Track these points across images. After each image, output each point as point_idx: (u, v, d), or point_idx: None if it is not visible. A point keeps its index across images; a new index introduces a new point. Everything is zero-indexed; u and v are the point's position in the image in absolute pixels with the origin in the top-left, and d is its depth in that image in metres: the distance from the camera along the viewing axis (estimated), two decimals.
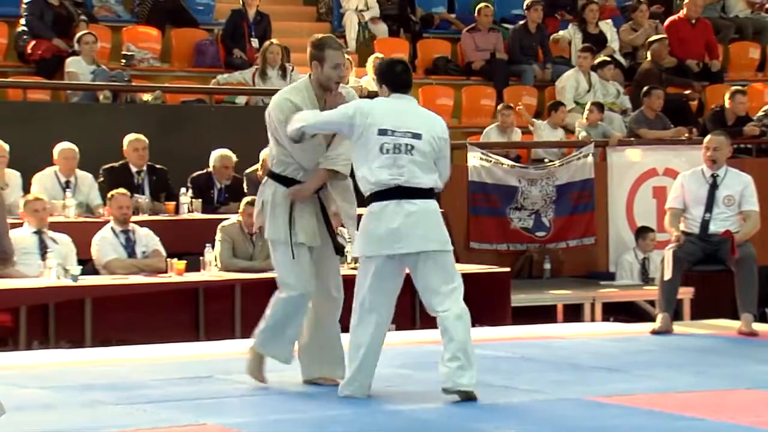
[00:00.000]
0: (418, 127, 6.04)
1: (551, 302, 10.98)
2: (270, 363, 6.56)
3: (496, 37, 14.53)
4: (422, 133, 6.04)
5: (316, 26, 15.30)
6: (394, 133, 6.02)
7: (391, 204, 6.03)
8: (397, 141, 6.00)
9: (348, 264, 9.88)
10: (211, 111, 12.04)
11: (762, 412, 5.80)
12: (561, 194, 12.27)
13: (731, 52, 15.73)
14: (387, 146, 6.01)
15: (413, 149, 6.00)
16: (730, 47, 15.74)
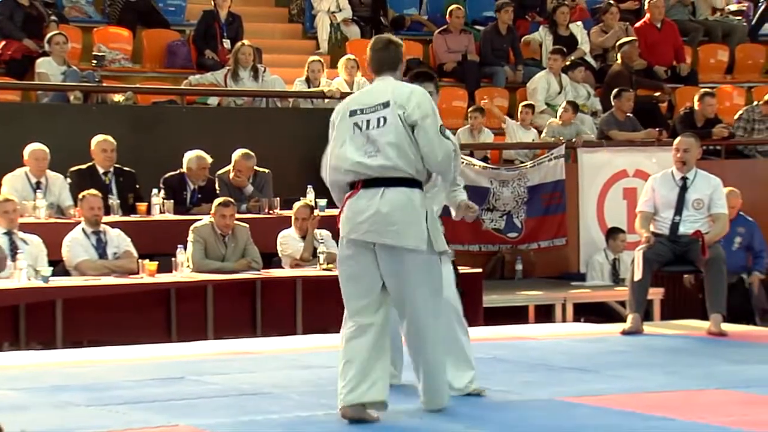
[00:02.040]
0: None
1: (523, 303, 11.01)
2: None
3: (468, 39, 14.56)
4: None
5: (288, 27, 15.30)
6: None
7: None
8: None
9: (320, 265, 9.90)
10: (183, 112, 12.01)
11: (732, 411, 5.82)
12: (532, 195, 12.31)
13: (700, 54, 15.83)
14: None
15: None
16: (699, 50, 15.83)
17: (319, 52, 14.31)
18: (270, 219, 10.59)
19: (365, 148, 5.59)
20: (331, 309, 9.64)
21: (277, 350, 8.18)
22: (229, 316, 9.35)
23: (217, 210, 9.73)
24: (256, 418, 5.79)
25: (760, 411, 5.92)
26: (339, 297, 6.05)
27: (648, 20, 15.06)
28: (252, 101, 12.61)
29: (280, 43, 14.73)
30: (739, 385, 6.47)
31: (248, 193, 10.92)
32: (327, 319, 9.52)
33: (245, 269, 9.70)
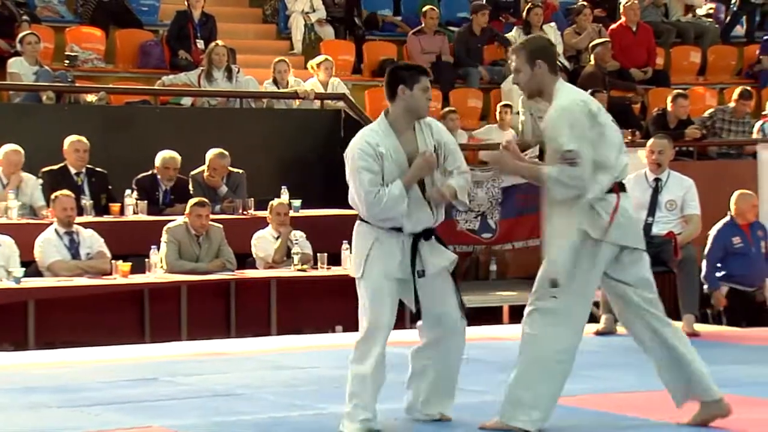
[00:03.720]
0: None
1: (497, 303, 11.03)
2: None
3: (442, 40, 14.58)
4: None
5: (262, 28, 15.28)
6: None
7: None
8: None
9: (295, 265, 9.89)
10: (156, 112, 11.97)
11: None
12: (507, 196, 12.33)
13: (673, 56, 15.90)
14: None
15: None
16: (672, 51, 15.91)
17: (293, 52, 14.30)
18: (244, 220, 10.58)
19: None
20: (306, 310, 9.71)
21: (250, 351, 8.17)
22: (203, 316, 9.33)
23: (192, 210, 9.71)
24: (229, 419, 5.79)
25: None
26: (313, 297, 6.04)
27: (624, 23, 15.13)
28: (226, 102, 12.58)
29: (254, 43, 14.71)
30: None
31: (222, 193, 10.90)
32: (301, 320, 9.54)
33: (219, 270, 9.68)
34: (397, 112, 5.59)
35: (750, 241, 10.37)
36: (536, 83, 5.46)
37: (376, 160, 5.53)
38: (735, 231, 10.37)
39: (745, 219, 10.39)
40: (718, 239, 10.34)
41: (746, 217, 10.40)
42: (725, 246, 10.30)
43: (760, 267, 10.43)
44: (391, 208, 5.53)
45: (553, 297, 5.45)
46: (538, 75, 5.42)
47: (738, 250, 10.32)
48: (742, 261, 10.31)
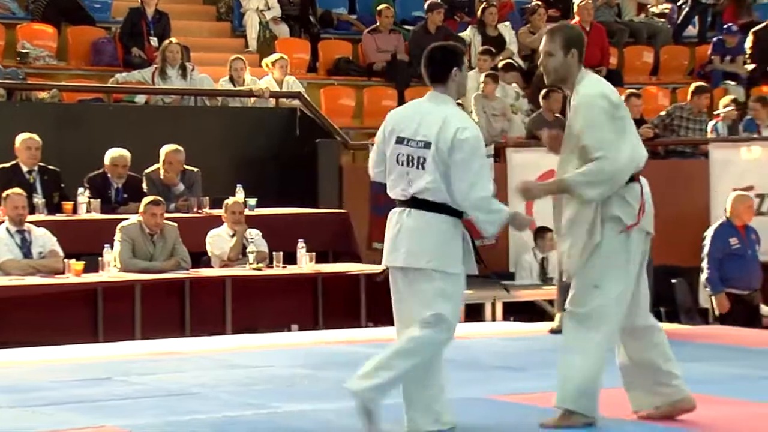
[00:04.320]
0: (429, 135, 5.29)
1: None
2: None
3: (397, 39, 14.59)
4: (432, 142, 5.28)
5: (216, 25, 15.23)
6: (409, 142, 5.33)
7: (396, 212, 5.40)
8: (411, 152, 5.30)
9: (250, 264, 9.87)
10: (110, 110, 11.90)
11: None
12: None
13: (626, 55, 16.01)
14: (401, 158, 5.34)
15: (425, 162, 5.28)
16: (625, 51, 16.02)
17: (247, 50, 14.25)
18: (199, 218, 10.53)
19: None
20: (261, 308, 9.69)
21: (205, 350, 8.16)
22: (158, 316, 9.28)
23: (147, 209, 9.65)
24: (183, 418, 5.77)
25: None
26: (268, 296, 6.03)
27: (577, 23, 15.20)
28: (180, 100, 12.52)
29: (209, 41, 14.65)
30: None
31: (177, 191, 10.84)
32: (256, 319, 9.52)
33: (174, 269, 9.64)
34: (453, 92, 5.45)
35: (746, 242, 10.33)
36: (565, 70, 5.45)
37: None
38: (732, 232, 10.30)
39: (742, 220, 10.34)
40: (715, 240, 10.24)
41: (742, 219, 10.34)
42: (723, 247, 10.21)
43: (755, 270, 10.37)
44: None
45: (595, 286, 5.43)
46: (569, 63, 5.43)
47: (735, 251, 10.25)
48: (739, 263, 10.24)
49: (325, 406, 5.99)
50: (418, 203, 5.29)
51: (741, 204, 10.36)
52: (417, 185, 5.28)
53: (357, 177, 12.17)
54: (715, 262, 10.19)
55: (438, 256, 5.27)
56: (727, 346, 8.17)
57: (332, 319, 9.70)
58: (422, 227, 5.27)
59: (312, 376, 7.03)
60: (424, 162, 5.26)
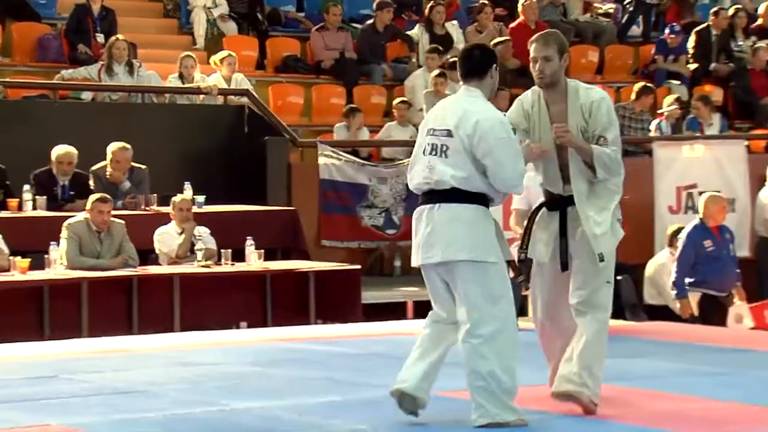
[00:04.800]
0: (450, 124, 5.42)
1: (402, 299, 11.12)
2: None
3: (345, 37, 14.62)
4: (452, 130, 5.39)
5: (163, 22, 15.16)
6: (434, 131, 5.47)
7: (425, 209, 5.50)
8: (435, 141, 5.43)
9: (198, 261, 9.85)
10: (55, 106, 11.82)
11: (603, 404, 5.89)
12: (411, 192, 12.33)
13: (571, 54, 16.08)
14: (427, 147, 5.47)
15: (448, 149, 5.39)
16: (571, 50, 16.07)
17: (195, 47, 14.20)
18: (147, 215, 10.50)
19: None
20: (210, 306, 9.68)
21: (153, 348, 8.16)
22: (105, 314, 9.25)
23: (94, 206, 9.60)
24: (131, 416, 5.76)
25: (632, 403, 6.05)
26: (217, 293, 6.04)
27: (523, 21, 15.33)
28: (127, 96, 12.46)
29: (156, 38, 14.58)
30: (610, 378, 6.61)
31: (124, 189, 10.79)
32: (205, 316, 9.50)
33: (121, 266, 9.61)
34: (487, 89, 5.55)
35: (720, 243, 10.25)
36: (559, 74, 5.74)
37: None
38: (706, 234, 10.21)
39: (715, 221, 10.27)
40: (689, 243, 10.18)
41: (716, 219, 10.28)
42: (696, 250, 10.15)
43: (730, 271, 10.32)
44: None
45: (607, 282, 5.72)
46: (562, 68, 5.75)
47: (710, 253, 10.17)
48: (714, 265, 10.15)
49: (273, 403, 6.00)
50: (444, 195, 5.40)
51: (714, 205, 10.28)
52: (439, 172, 5.38)
53: (306, 174, 12.19)
54: (686, 266, 10.11)
55: (473, 247, 5.36)
56: (671, 343, 8.28)
57: (281, 316, 9.73)
58: (453, 219, 5.37)
59: (261, 373, 7.04)
60: (447, 150, 5.38)
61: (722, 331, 9.44)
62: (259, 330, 9.22)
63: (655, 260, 10.97)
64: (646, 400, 6.10)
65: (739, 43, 15.92)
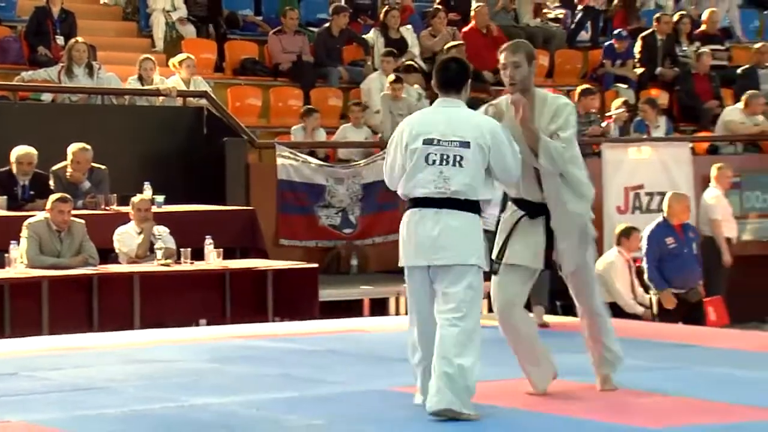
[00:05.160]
0: (466, 136, 5.61)
1: (358, 297, 11.18)
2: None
3: (302, 40, 14.72)
4: (471, 141, 5.61)
5: (122, 25, 15.20)
6: (440, 141, 5.61)
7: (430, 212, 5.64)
8: (444, 151, 5.59)
9: (158, 260, 9.92)
10: (15, 108, 11.83)
11: (552, 399, 6.03)
12: (367, 193, 12.55)
13: None
14: (433, 156, 5.61)
15: (463, 159, 5.59)
16: None
17: (154, 50, 14.26)
18: (107, 215, 10.55)
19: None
20: (169, 304, 9.73)
21: (113, 345, 8.11)
22: (65, 312, 9.27)
23: (54, 206, 9.65)
24: (91, 412, 5.76)
25: (576, 397, 6.15)
26: (177, 292, 6.08)
27: (475, 26, 15.51)
28: (87, 98, 12.50)
29: (115, 40, 14.62)
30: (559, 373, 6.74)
31: (84, 189, 10.85)
32: (165, 315, 9.55)
33: (81, 265, 9.64)
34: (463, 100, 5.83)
35: (683, 241, 10.36)
36: (529, 80, 5.98)
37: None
38: (668, 232, 10.33)
39: (679, 219, 10.36)
40: (652, 240, 10.29)
41: (680, 218, 10.36)
42: (659, 247, 10.26)
43: (692, 268, 10.45)
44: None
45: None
46: (531, 74, 5.99)
47: (672, 251, 10.29)
48: (675, 262, 10.29)
49: (231, 399, 6.03)
50: (455, 203, 5.59)
51: (678, 204, 10.40)
52: (457, 182, 5.57)
53: (264, 175, 12.29)
54: (654, 261, 10.26)
55: (479, 254, 5.64)
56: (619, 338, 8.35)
57: (240, 314, 9.76)
58: (466, 226, 5.61)
59: (219, 369, 7.07)
60: (462, 160, 5.58)
61: (670, 328, 9.59)
62: (217, 327, 9.23)
63: (604, 259, 11.13)
64: (593, 394, 6.17)
65: (684, 48, 16.18)
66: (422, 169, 5.62)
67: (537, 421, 5.63)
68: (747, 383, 6.53)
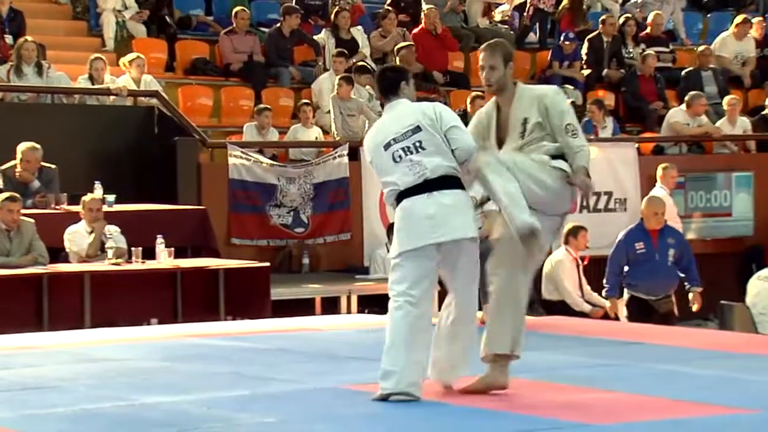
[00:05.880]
0: (412, 123, 5.93)
1: (310, 295, 11.21)
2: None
3: (253, 40, 14.72)
4: (419, 125, 5.92)
5: (72, 24, 15.13)
6: (396, 140, 5.92)
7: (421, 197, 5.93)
8: (403, 145, 5.90)
9: (109, 260, 9.91)
10: None
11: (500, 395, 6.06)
12: (318, 192, 12.60)
13: (472, 59, 16.42)
14: (398, 153, 5.90)
15: (422, 143, 5.90)
16: (471, 55, 16.42)
17: (104, 49, 14.22)
18: (57, 214, 10.52)
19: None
20: (120, 303, 9.73)
21: (63, 344, 8.05)
22: (14, 311, 9.24)
23: (3, 205, 9.62)
24: (40, 411, 5.73)
25: (525, 394, 6.19)
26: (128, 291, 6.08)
27: (424, 27, 15.61)
28: (36, 97, 12.44)
29: (65, 39, 14.56)
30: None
31: (34, 188, 10.81)
32: (116, 314, 9.54)
33: (31, 264, 9.62)
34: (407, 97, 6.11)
35: (655, 247, 9.96)
36: (504, 80, 6.13)
37: None
38: (640, 236, 9.94)
39: (651, 224, 9.93)
40: (620, 244, 9.99)
41: (650, 223, 9.94)
42: (627, 251, 9.97)
43: (664, 275, 10.01)
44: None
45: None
46: (508, 75, 6.13)
47: (639, 256, 9.93)
48: (644, 268, 9.92)
49: (182, 398, 6.02)
50: (440, 183, 5.88)
51: (648, 208, 10.02)
52: (431, 163, 5.87)
53: (215, 174, 12.30)
54: (615, 265, 9.98)
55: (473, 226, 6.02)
56: (567, 336, 8.34)
57: (191, 313, 9.76)
58: (458, 203, 5.94)
59: (170, 368, 7.07)
60: (421, 143, 5.89)
61: (616, 326, 9.69)
62: (168, 326, 9.23)
63: (552, 258, 11.23)
64: (541, 391, 6.22)
65: (630, 50, 16.37)
66: (394, 169, 5.92)
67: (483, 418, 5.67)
68: (689, 380, 6.62)
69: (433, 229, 5.88)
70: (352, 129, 13.20)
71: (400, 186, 5.92)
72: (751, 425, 5.53)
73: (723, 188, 14.51)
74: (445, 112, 6.01)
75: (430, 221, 5.87)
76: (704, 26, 18.53)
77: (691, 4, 18.86)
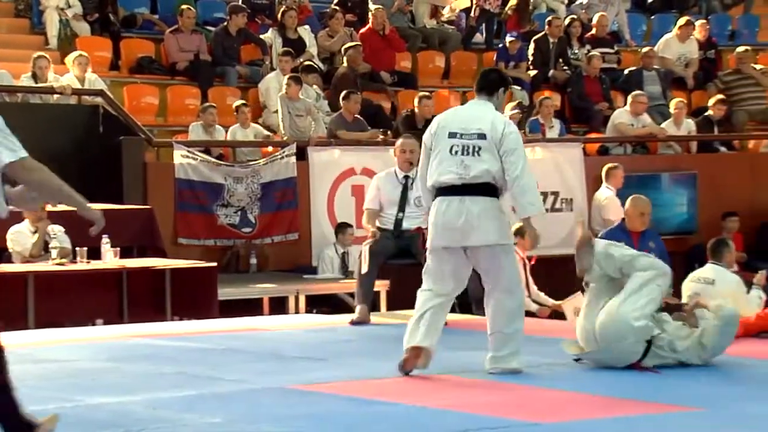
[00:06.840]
0: (483, 128, 6.55)
1: (257, 295, 11.19)
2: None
3: (200, 39, 14.67)
4: (486, 134, 6.54)
5: (14, 22, 14.99)
6: (462, 135, 6.56)
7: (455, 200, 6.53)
8: (465, 143, 6.53)
9: (53, 260, 9.82)
10: None
11: (448, 395, 6.16)
12: (266, 192, 12.58)
13: (419, 60, 16.49)
14: (455, 148, 6.54)
15: (480, 150, 6.51)
16: (418, 56, 16.50)
17: (48, 48, 14.09)
18: None
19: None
20: (65, 304, 9.64)
21: (7, 345, 7.98)
22: None
23: None
24: None
25: (472, 393, 6.29)
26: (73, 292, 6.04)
27: (371, 27, 15.64)
28: None
29: (7, 37, 14.42)
30: (455, 370, 6.84)
31: None
32: (61, 314, 9.47)
33: None
34: (494, 104, 6.80)
35: (635, 249, 8.95)
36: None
37: None
38: (620, 236, 9.18)
39: (633, 225, 9.55)
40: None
41: (634, 224, 9.56)
42: None
43: None
44: None
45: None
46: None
47: None
48: None
49: (128, 398, 6.02)
50: (475, 189, 6.50)
51: (632, 208, 9.68)
52: (476, 169, 6.50)
53: (161, 174, 12.23)
54: None
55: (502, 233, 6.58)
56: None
57: (138, 313, 9.71)
58: (486, 210, 6.51)
59: (116, 369, 7.04)
60: (479, 150, 6.51)
61: (562, 325, 9.76)
62: (114, 327, 9.20)
63: None
64: (489, 390, 6.30)
65: (575, 51, 16.51)
66: (444, 158, 6.53)
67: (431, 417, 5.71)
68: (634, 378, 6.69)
69: (452, 234, 6.49)
70: (300, 129, 13.18)
71: (438, 180, 6.51)
72: (696, 423, 5.60)
73: (667, 188, 14.67)
74: (513, 135, 6.55)
75: (452, 227, 6.49)
76: (648, 28, 18.72)
77: (635, 5, 19.06)
